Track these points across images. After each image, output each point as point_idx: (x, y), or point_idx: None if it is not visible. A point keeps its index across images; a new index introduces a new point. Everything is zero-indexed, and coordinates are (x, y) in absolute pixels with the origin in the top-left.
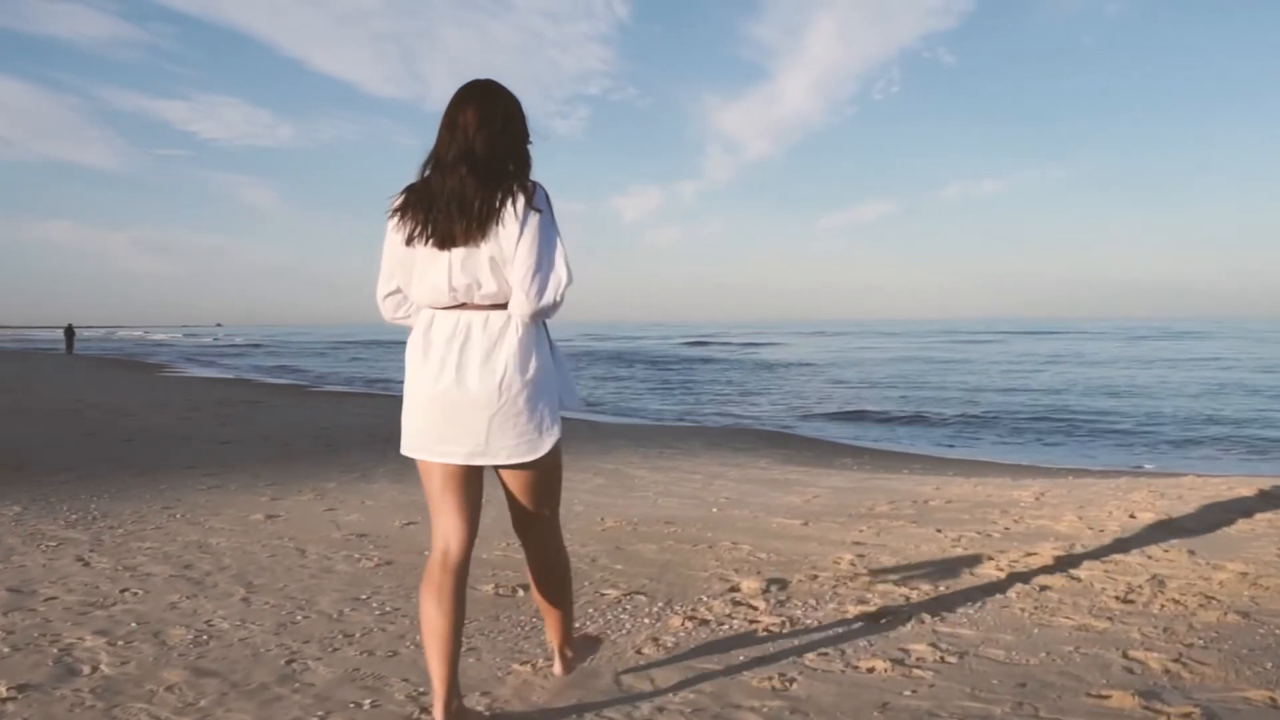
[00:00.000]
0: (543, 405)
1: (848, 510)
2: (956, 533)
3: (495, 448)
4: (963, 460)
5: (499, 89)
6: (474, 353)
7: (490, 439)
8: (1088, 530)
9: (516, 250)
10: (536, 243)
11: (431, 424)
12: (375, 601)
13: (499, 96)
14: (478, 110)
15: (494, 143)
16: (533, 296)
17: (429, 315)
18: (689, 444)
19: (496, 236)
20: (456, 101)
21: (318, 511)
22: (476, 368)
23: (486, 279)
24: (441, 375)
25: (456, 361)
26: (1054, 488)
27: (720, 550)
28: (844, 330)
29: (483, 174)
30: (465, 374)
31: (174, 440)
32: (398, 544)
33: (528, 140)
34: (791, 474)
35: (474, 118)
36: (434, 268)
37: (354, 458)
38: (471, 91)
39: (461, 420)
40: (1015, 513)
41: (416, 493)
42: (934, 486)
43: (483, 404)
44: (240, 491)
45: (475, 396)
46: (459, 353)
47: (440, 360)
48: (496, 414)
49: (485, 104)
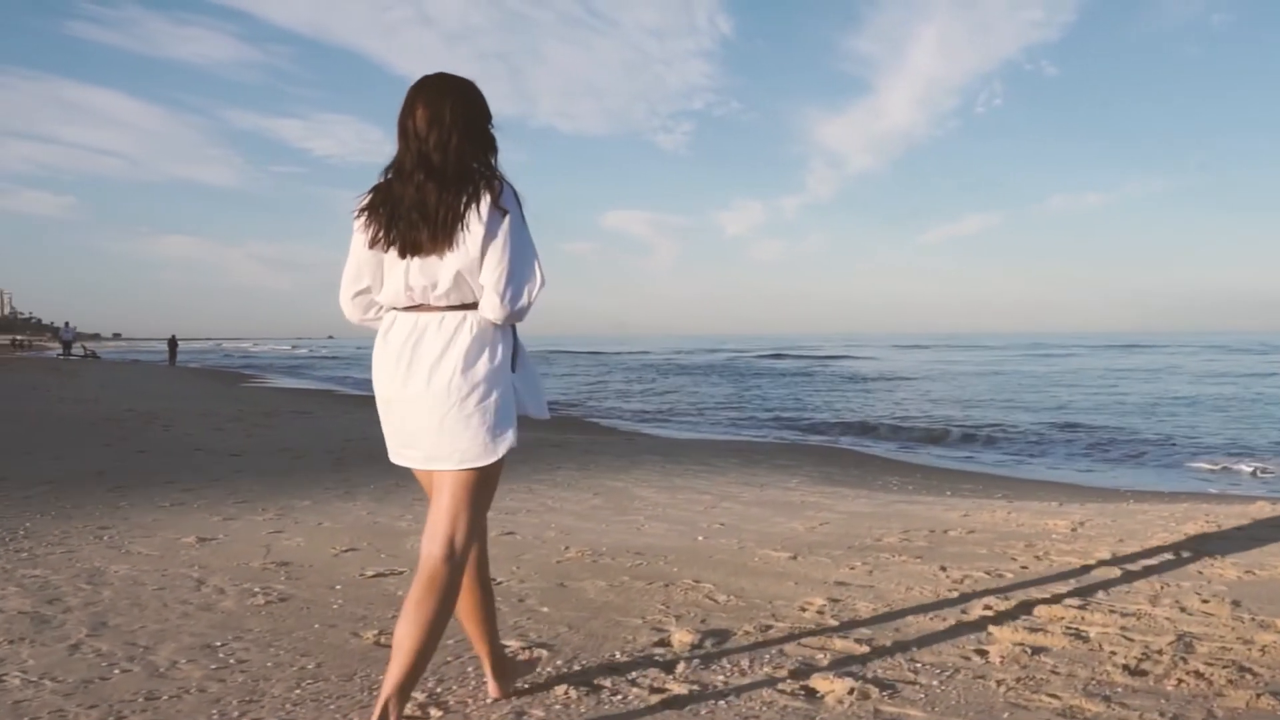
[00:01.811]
0: (494, 410)
1: (850, 541)
2: (962, 572)
3: (445, 451)
4: (1018, 480)
5: (446, 81)
6: (427, 354)
7: (440, 442)
8: (1117, 571)
9: (486, 254)
10: (507, 246)
11: (395, 428)
12: (224, 652)
13: (446, 90)
14: (426, 109)
15: (447, 142)
16: (507, 301)
17: (391, 317)
18: (725, 460)
19: (464, 243)
20: (405, 104)
21: (261, 535)
22: (428, 369)
23: (445, 280)
24: (396, 377)
25: (409, 363)
26: (1099, 515)
27: (676, 590)
28: (941, 343)
29: (441, 179)
30: (417, 376)
31: (184, 451)
32: (312, 576)
33: (486, 127)
34: (814, 496)
35: (423, 118)
36: (395, 270)
37: (351, 473)
38: (418, 90)
39: (418, 423)
40: (1042, 546)
41: (388, 513)
42: (963, 513)
43: (433, 406)
44: (198, 510)
45: (426, 398)
46: (412, 354)
47: (395, 361)
48: (445, 416)
49: (433, 102)
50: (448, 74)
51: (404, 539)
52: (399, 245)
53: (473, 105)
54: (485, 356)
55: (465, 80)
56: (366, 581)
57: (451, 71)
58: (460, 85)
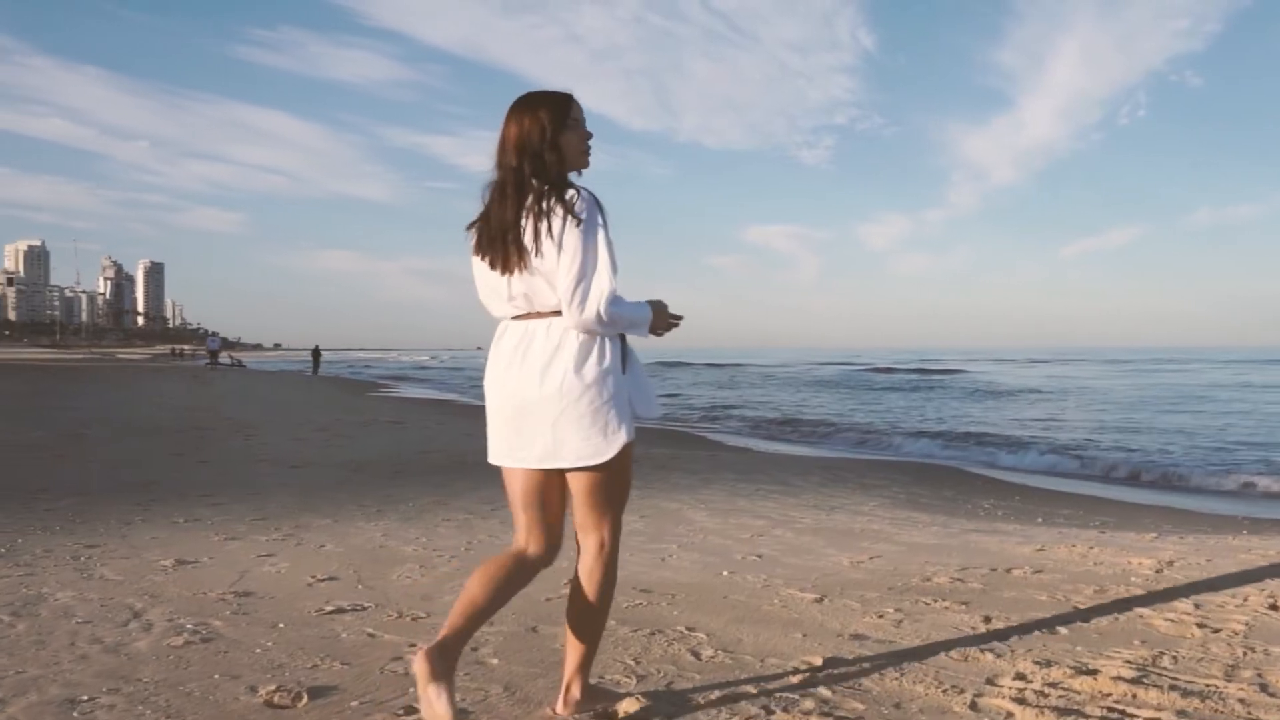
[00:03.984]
0: (607, 409)
1: (894, 580)
2: (1008, 624)
3: (563, 451)
4: (1127, 505)
5: (525, 99)
6: (536, 358)
7: (557, 442)
8: (1194, 631)
9: (559, 265)
10: (576, 256)
11: (505, 431)
12: (81, 710)
13: (522, 108)
14: (506, 130)
15: (521, 159)
16: (575, 310)
17: (503, 325)
18: (806, 479)
19: (542, 254)
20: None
21: (249, 558)
22: (539, 373)
23: (540, 290)
24: (508, 382)
25: (520, 367)
26: (1195, 552)
27: (659, 641)
28: (1085, 357)
29: (516, 195)
30: (529, 380)
31: (246, 463)
32: (262, 610)
33: (556, 139)
34: (882, 523)
35: (506, 137)
36: (500, 282)
37: (400, 488)
38: (508, 111)
39: (530, 425)
40: (1115, 592)
41: (403, 535)
42: (1038, 546)
43: (546, 408)
44: (207, 528)
45: (539, 401)
46: (522, 359)
47: (506, 367)
48: (559, 417)
49: (511, 122)
50: (528, 92)
51: (395, 567)
52: (489, 260)
53: (537, 120)
54: (594, 358)
55: (535, 94)
56: (315, 619)
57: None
58: (527, 101)
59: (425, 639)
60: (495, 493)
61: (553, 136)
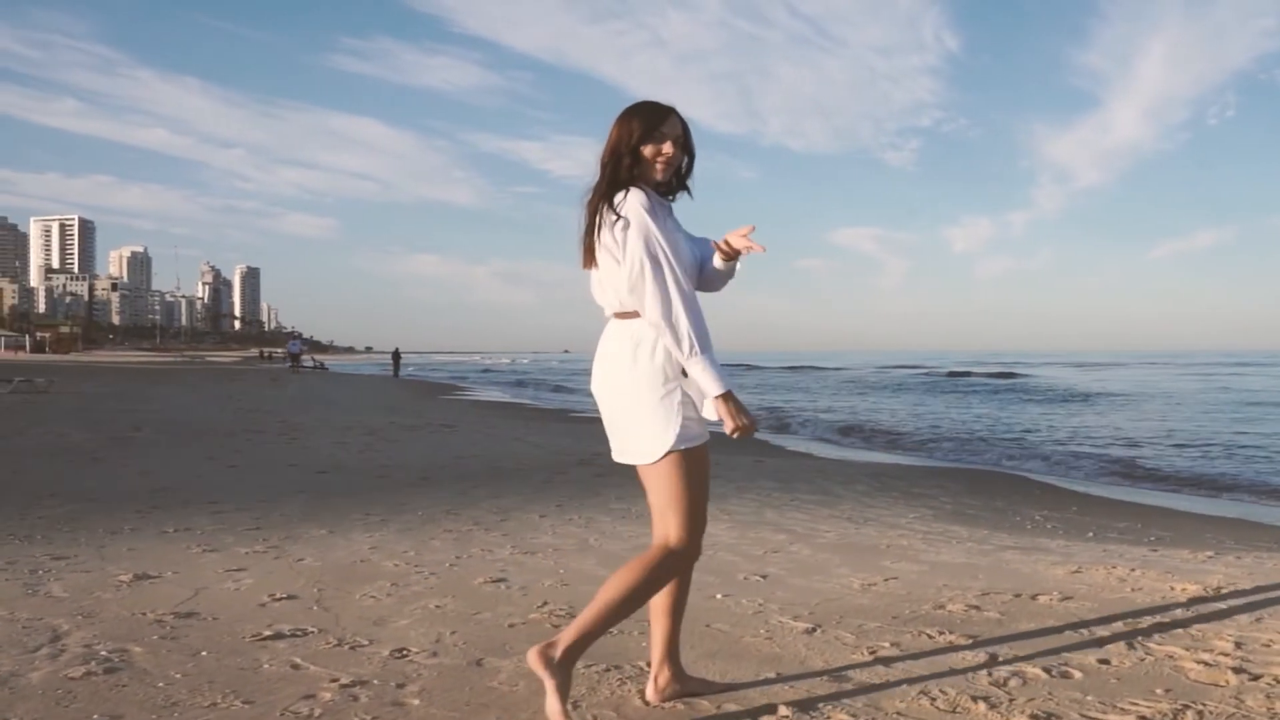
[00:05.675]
0: (655, 411)
1: (903, 607)
2: (1014, 663)
3: (624, 447)
4: (1192, 516)
5: (629, 106)
6: (603, 356)
7: (619, 438)
8: (1228, 678)
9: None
10: (626, 259)
11: (607, 426)
12: None
13: (623, 114)
14: (609, 133)
15: (608, 162)
16: (641, 308)
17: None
18: (850, 487)
19: (599, 258)
20: None
21: (215, 573)
22: (604, 370)
23: (605, 290)
24: (594, 378)
25: (596, 364)
26: (1249, 575)
27: (613, 678)
28: (1171, 360)
29: (594, 196)
30: (597, 377)
31: (275, 467)
32: (193, 635)
33: (632, 146)
34: (913, 537)
35: (607, 140)
36: (591, 278)
37: (416, 495)
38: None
39: (606, 419)
40: (1147, 623)
41: (394, 547)
42: (1074, 568)
43: (610, 405)
44: (192, 539)
45: (605, 398)
46: (599, 356)
47: (594, 364)
48: (616, 414)
49: (613, 126)
50: (637, 101)
51: (364, 585)
52: (584, 262)
53: (629, 127)
54: (644, 357)
55: (639, 103)
56: (245, 646)
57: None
58: (630, 108)
59: (352, 670)
60: (511, 501)
61: (637, 144)
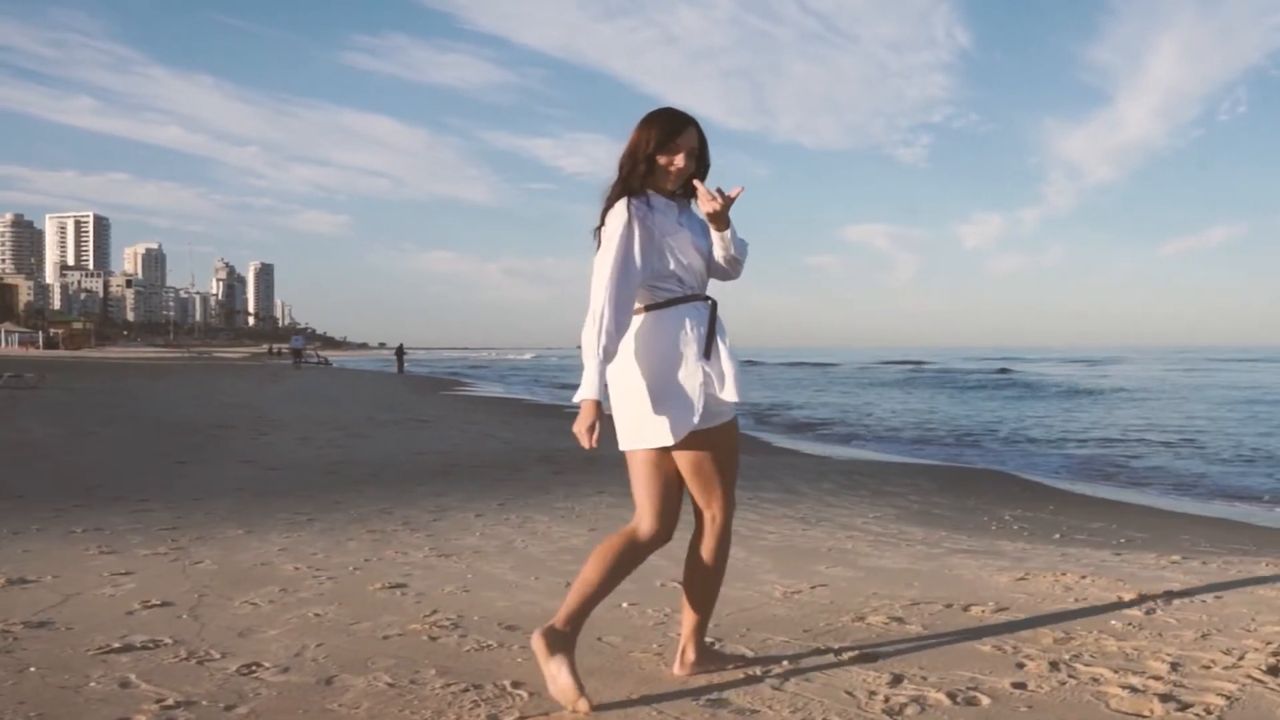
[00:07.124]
0: (639, 400)
1: (818, 620)
2: (918, 688)
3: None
4: (1173, 516)
5: (650, 112)
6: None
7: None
8: (1153, 707)
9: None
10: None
11: None
12: None
13: (644, 120)
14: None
15: (624, 166)
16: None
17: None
18: (818, 485)
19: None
20: None
21: (100, 576)
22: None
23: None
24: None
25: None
26: (1209, 585)
27: (467, 700)
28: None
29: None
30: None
31: (227, 463)
32: (34, 651)
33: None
34: (861, 539)
35: (627, 143)
36: None
37: (357, 493)
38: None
39: (614, 408)
40: (1080, 642)
41: (303, 550)
42: (1020, 575)
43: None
44: (99, 539)
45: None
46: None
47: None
48: (616, 401)
49: (634, 130)
50: (659, 107)
51: (250, 591)
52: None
53: (647, 133)
54: (639, 352)
55: (659, 110)
56: (84, 661)
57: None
58: (650, 115)
59: (185, 689)
60: (452, 499)
61: (652, 152)
